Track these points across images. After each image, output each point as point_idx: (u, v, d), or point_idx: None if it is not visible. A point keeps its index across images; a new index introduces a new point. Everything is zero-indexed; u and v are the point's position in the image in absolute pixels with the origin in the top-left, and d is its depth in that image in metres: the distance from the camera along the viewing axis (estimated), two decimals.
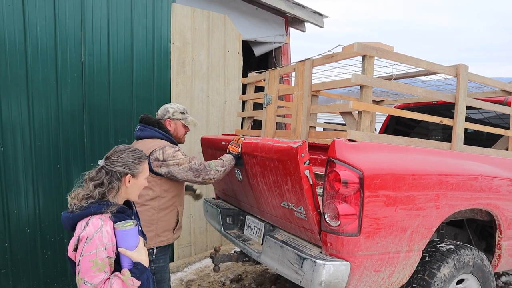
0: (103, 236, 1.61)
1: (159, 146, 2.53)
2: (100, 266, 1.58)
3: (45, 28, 3.38)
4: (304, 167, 2.24)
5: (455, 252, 2.66)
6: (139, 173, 1.80)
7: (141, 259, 1.68)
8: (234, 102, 4.98)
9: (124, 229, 1.66)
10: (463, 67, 2.85)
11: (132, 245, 1.68)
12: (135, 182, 1.79)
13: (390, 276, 2.44)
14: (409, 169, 2.42)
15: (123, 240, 1.66)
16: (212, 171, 2.58)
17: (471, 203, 2.73)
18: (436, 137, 4.81)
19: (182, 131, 2.83)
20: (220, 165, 2.63)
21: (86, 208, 1.66)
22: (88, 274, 1.57)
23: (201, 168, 2.54)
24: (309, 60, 2.84)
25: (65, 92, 3.52)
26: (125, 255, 1.66)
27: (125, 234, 1.66)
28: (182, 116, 2.80)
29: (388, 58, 2.56)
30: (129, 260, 1.67)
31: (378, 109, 2.65)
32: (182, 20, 4.35)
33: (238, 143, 2.82)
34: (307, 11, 5.66)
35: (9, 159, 3.26)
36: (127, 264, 1.67)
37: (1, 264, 3.29)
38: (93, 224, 1.62)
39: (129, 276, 1.62)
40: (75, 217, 1.66)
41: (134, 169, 1.78)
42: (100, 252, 1.59)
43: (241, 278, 4.23)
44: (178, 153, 2.52)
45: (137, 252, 1.68)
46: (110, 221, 1.67)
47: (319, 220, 2.31)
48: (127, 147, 1.84)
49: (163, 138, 2.65)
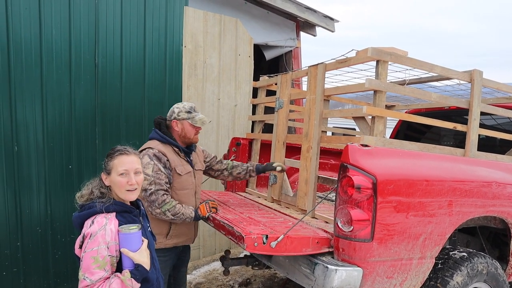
0: (106, 234, 1.63)
1: (145, 150, 2.55)
2: (100, 263, 1.60)
3: (60, 30, 3.42)
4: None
5: (468, 259, 2.62)
6: (110, 169, 1.75)
7: (142, 261, 1.68)
8: (244, 106, 4.99)
9: (127, 232, 1.67)
10: (477, 73, 2.82)
11: (134, 248, 1.68)
12: (110, 180, 1.75)
13: (403, 283, 2.41)
14: (423, 175, 2.40)
15: (126, 242, 1.67)
16: (158, 210, 2.42)
17: (485, 210, 2.70)
18: (448, 143, 4.76)
19: (191, 131, 2.66)
20: (172, 213, 2.45)
21: (90, 207, 1.70)
22: (89, 270, 1.59)
23: (152, 199, 2.41)
24: (322, 64, 2.84)
25: (78, 94, 3.56)
26: (127, 256, 1.67)
27: (128, 237, 1.67)
28: (188, 115, 2.66)
29: (402, 63, 2.55)
30: (131, 261, 1.67)
31: (391, 114, 2.64)
32: (194, 24, 4.38)
33: (211, 206, 2.65)
34: (319, 16, 5.66)
35: (22, 159, 3.30)
36: (128, 266, 1.67)
37: (13, 263, 3.32)
38: (98, 222, 1.65)
39: (128, 277, 1.62)
40: (82, 216, 1.71)
41: (106, 166, 1.77)
42: (101, 250, 1.60)
43: (249, 282, 4.21)
44: (149, 166, 2.44)
45: (138, 254, 1.68)
46: (115, 220, 1.69)
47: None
48: (115, 147, 1.84)
49: (158, 138, 2.62)
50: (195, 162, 2.81)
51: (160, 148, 2.56)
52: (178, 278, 2.88)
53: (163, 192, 2.46)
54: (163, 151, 2.56)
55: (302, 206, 2.92)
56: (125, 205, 1.77)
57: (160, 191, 2.45)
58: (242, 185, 3.85)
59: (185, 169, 2.65)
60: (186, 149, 2.72)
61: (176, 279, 2.87)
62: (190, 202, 2.68)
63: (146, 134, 4.02)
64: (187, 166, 2.68)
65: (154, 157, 2.50)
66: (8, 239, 3.28)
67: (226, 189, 3.88)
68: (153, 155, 2.51)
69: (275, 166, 3.04)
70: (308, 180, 2.86)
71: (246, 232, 2.17)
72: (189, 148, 2.75)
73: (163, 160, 2.53)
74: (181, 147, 2.67)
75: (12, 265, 3.32)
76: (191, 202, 2.69)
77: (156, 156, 2.51)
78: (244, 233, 2.13)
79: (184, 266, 2.93)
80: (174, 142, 2.65)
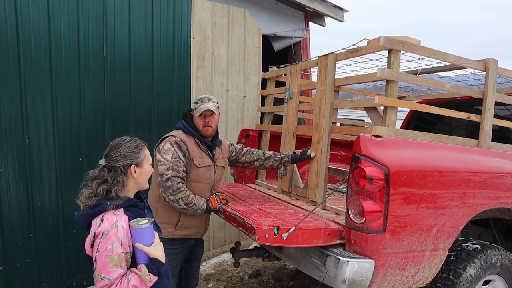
0: (119, 231, 1.60)
1: (168, 137, 2.60)
2: (116, 261, 1.58)
3: (69, 22, 3.41)
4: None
5: (481, 252, 2.59)
6: (142, 161, 1.76)
7: (158, 255, 1.66)
8: (253, 97, 4.96)
9: (140, 228, 1.63)
10: (492, 62, 2.76)
11: (148, 242, 1.66)
12: (141, 171, 1.76)
13: (415, 275, 2.39)
14: (435, 166, 2.36)
15: (139, 238, 1.64)
16: (172, 197, 2.43)
17: (499, 201, 2.65)
18: (459, 134, 4.69)
19: (199, 123, 2.64)
20: (185, 202, 2.45)
21: (96, 206, 1.65)
22: (105, 269, 1.57)
23: (168, 184, 2.42)
24: (332, 54, 2.80)
25: (87, 86, 3.56)
26: (141, 251, 1.64)
27: (141, 232, 1.64)
28: (194, 106, 2.67)
29: (414, 52, 2.50)
30: (146, 256, 1.65)
31: (404, 105, 2.59)
32: (203, 15, 4.34)
33: (221, 198, 2.64)
34: (327, 5, 5.58)
35: (33, 152, 3.32)
36: (144, 260, 1.65)
37: (27, 254, 3.36)
38: (108, 220, 1.61)
39: (146, 272, 1.60)
40: (88, 215, 1.67)
41: (136, 158, 1.74)
42: (116, 248, 1.58)
43: (259, 273, 4.22)
44: (169, 152, 2.48)
45: (154, 248, 1.66)
46: (124, 215, 1.66)
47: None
48: (122, 139, 1.80)
49: (182, 128, 2.66)
50: (217, 157, 2.78)
51: (183, 137, 2.60)
52: (189, 273, 2.87)
53: (179, 180, 2.47)
54: (184, 140, 2.59)
55: (313, 197, 2.90)
56: (132, 200, 1.75)
57: (177, 178, 2.46)
58: (251, 177, 3.84)
59: (203, 162, 2.64)
60: (210, 143, 2.71)
61: (188, 273, 2.86)
62: (205, 196, 2.66)
63: (155, 126, 4.02)
64: (206, 159, 2.66)
65: (175, 144, 2.54)
66: (21, 231, 3.32)
67: (236, 180, 3.88)
68: (175, 142, 2.55)
69: (310, 153, 2.94)
70: (318, 171, 2.84)
71: (257, 223, 2.16)
72: (212, 143, 2.73)
73: (183, 149, 2.56)
74: (202, 140, 2.66)
75: (26, 256, 3.36)
76: (205, 196, 2.67)
77: (177, 143, 2.55)
78: (255, 225, 2.13)
79: (196, 261, 2.91)
80: (196, 133, 2.65)
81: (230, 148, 2.97)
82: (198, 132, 2.65)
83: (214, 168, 2.72)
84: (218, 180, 2.80)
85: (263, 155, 3.00)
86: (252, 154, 3.00)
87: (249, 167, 3.07)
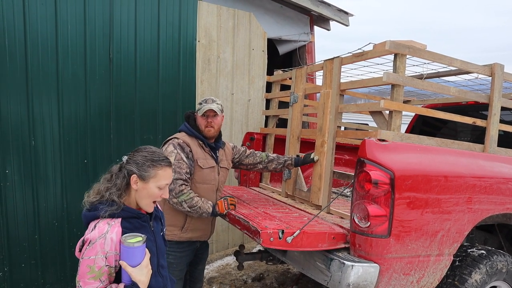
0: (106, 243, 1.51)
1: (171, 139, 2.61)
2: (96, 273, 1.49)
3: (75, 25, 3.44)
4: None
5: (487, 257, 2.57)
6: (149, 177, 1.61)
7: (139, 280, 1.53)
8: (258, 101, 4.97)
9: (130, 246, 1.52)
10: (498, 66, 2.75)
11: (135, 262, 1.54)
12: (143, 187, 1.61)
13: (420, 280, 2.38)
14: (441, 170, 2.35)
15: (127, 255, 1.53)
16: (174, 199, 2.43)
17: (504, 207, 2.63)
18: (464, 139, 4.67)
19: (202, 123, 2.64)
20: (189, 205, 2.44)
21: (95, 209, 1.59)
22: (83, 279, 1.50)
23: (170, 187, 2.36)
24: (338, 58, 2.80)
25: (93, 89, 3.58)
26: (125, 270, 1.54)
27: (129, 250, 1.52)
28: (198, 107, 2.68)
29: (420, 57, 2.50)
30: (129, 276, 1.54)
31: (410, 109, 2.59)
32: (208, 18, 4.36)
33: (230, 203, 2.61)
34: (333, 9, 5.59)
35: (39, 153, 3.34)
36: (127, 280, 1.54)
37: (32, 255, 3.38)
38: (99, 228, 1.54)
39: None
40: (88, 216, 1.61)
41: (143, 171, 1.60)
42: (98, 260, 1.49)
43: (262, 277, 4.22)
44: (171, 154, 2.48)
45: (137, 270, 1.54)
46: (118, 227, 1.56)
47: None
48: (145, 147, 1.69)
49: (185, 130, 2.67)
50: (220, 159, 2.78)
51: (186, 139, 2.60)
52: (194, 276, 2.87)
53: (182, 182, 2.47)
54: (187, 142, 2.59)
55: (316, 201, 2.90)
56: (133, 211, 1.63)
57: (179, 180, 2.45)
58: (256, 180, 3.85)
59: (207, 163, 2.64)
60: (213, 144, 2.71)
61: (192, 276, 2.86)
62: (211, 198, 2.66)
63: (160, 128, 4.04)
64: (210, 161, 2.67)
65: (178, 146, 2.54)
66: (26, 232, 3.34)
67: (240, 183, 3.88)
68: (177, 144, 2.55)
69: (313, 157, 2.92)
70: (322, 175, 2.83)
71: (262, 227, 2.16)
72: (216, 144, 2.73)
73: (186, 150, 2.56)
74: (205, 141, 2.66)
75: (30, 257, 3.37)
76: (211, 197, 2.67)
77: (180, 145, 2.55)
78: (260, 228, 2.13)
79: (201, 264, 2.91)
80: (200, 135, 2.65)
81: (234, 150, 2.98)
82: (201, 134, 2.65)
83: (218, 170, 2.73)
84: (222, 182, 2.80)
85: (266, 158, 3.00)
86: (255, 157, 3.00)
87: (252, 169, 3.07)
